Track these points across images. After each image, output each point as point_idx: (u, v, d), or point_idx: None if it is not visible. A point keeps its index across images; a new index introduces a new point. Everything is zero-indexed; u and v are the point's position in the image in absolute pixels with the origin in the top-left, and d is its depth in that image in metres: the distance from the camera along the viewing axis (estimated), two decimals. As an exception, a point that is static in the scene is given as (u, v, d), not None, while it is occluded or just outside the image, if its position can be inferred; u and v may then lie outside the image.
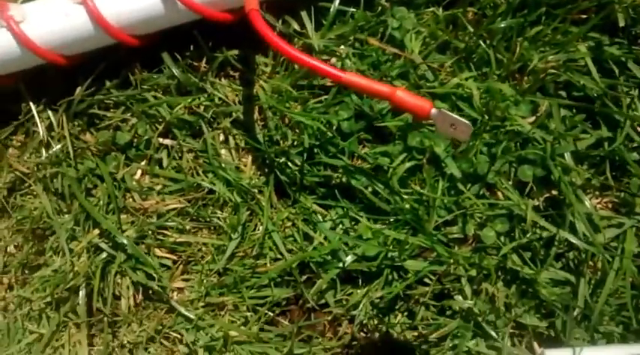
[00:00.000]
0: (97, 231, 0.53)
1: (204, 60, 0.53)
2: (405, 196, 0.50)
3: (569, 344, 0.47)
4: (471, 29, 0.50)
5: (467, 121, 0.41)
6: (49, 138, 0.55)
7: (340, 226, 0.51)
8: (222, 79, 0.54)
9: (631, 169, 0.47)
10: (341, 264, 0.49)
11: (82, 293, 0.52)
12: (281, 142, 0.52)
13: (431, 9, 0.52)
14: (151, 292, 0.52)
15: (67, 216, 0.54)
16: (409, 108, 0.42)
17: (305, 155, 0.51)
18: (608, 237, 0.47)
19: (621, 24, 0.47)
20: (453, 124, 0.41)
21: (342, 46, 0.52)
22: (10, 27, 0.50)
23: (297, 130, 0.52)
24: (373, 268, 0.49)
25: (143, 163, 0.54)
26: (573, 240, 0.46)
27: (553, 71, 0.48)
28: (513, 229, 0.48)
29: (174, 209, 0.53)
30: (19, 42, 0.51)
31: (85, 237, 0.53)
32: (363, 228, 0.50)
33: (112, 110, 0.55)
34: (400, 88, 0.43)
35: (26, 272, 0.55)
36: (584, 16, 0.50)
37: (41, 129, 0.55)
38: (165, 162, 0.54)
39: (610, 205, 0.49)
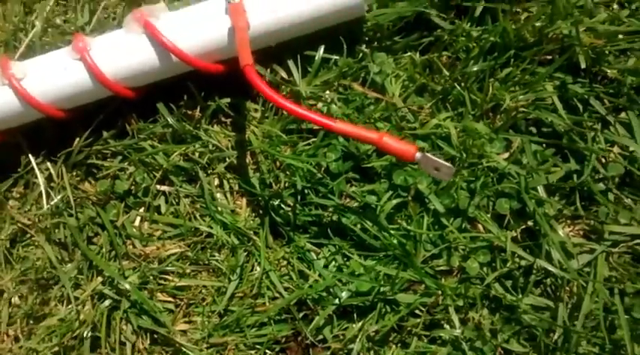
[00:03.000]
0: (100, 279, 0.55)
1: (197, 108, 0.57)
2: (393, 231, 0.53)
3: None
4: (446, 73, 0.54)
5: (449, 164, 0.44)
6: (49, 189, 0.58)
7: (333, 263, 0.54)
8: (215, 126, 0.57)
9: (598, 199, 0.51)
10: (337, 300, 0.52)
11: (88, 341, 0.54)
12: (274, 185, 0.55)
13: (408, 54, 0.56)
14: (155, 336, 0.54)
15: (70, 264, 0.56)
16: (395, 153, 0.46)
17: (297, 196, 0.54)
18: (581, 262, 0.51)
19: (583, 66, 0.51)
20: (436, 167, 0.45)
21: (328, 92, 0.55)
22: (11, 84, 0.53)
23: (288, 172, 0.55)
24: (367, 303, 0.52)
25: (142, 210, 0.57)
26: (550, 267, 0.50)
27: (523, 110, 0.52)
28: (495, 259, 0.52)
29: (174, 254, 0.55)
30: (20, 99, 0.53)
31: (88, 285, 0.55)
32: (355, 265, 0.53)
33: (110, 160, 0.57)
34: (386, 133, 0.46)
35: (32, 322, 0.57)
36: (550, 57, 0.54)
37: (41, 180, 0.57)
38: (163, 208, 0.57)
39: (582, 232, 0.53)
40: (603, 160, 0.52)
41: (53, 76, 0.53)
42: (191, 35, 0.52)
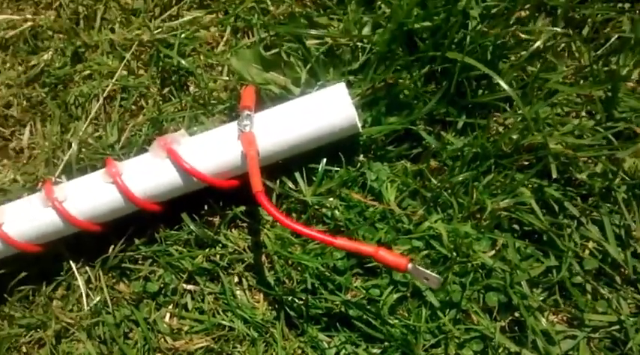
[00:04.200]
0: (136, 372, 0.62)
1: (217, 216, 0.64)
2: (395, 321, 0.59)
3: None
4: (434, 182, 0.61)
5: (437, 276, 0.51)
6: (89, 291, 0.65)
7: (344, 351, 0.61)
8: (234, 230, 0.64)
9: (574, 294, 0.57)
10: (348, 388, 0.59)
11: None
12: (287, 281, 0.62)
13: (401, 162, 0.63)
14: None
15: (109, 359, 0.64)
16: (389, 265, 0.53)
17: (308, 291, 0.61)
18: (565, 348, 0.57)
19: (554, 175, 0.58)
20: (425, 277, 0.52)
21: (331, 199, 0.62)
22: (55, 206, 0.61)
23: (299, 269, 0.62)
24: (374, 392, 0.58)
25: (171, 307, 0.64)
26: (535, 355, 0.56)
27: (505, 213, 0.59)
28: (487, 348, 0.58)
29: (201, 347, 0.62)
30: (62, 218, 0.61)
31: (126, 378, 0.62)
32: (363, 354, 0.59)
33: (141, 263, 0.65)
34: (381, 247, 0.53)
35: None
36: (527, 163, 0.61)
37: (81, 283, 0.65)
38: (190, 306, 0.64)
39: (565, 318, 0.59)
40: (581, 253, 0.58)
41: (90, 198, 0.61)
42: (208, 158, 0.60)
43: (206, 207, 0.64)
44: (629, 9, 0.66)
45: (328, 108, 0.59)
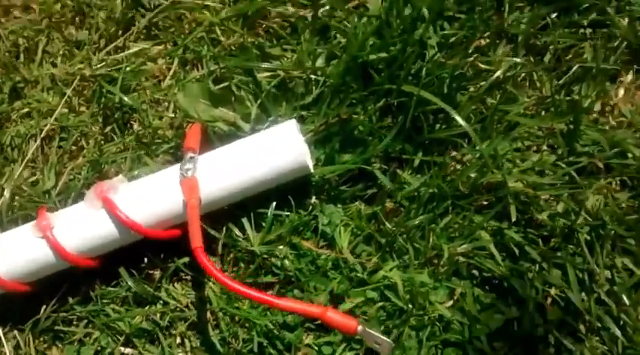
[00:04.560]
0: None
1: (158, 269, 0.60)
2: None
3: None
4: (390, 226, 0.57)
5: (388, 340, 0.47)
6: (17, 356, 0.60)
7: (296, 412, 0.57)
8: (176, 284, 0.60)
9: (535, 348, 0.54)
10: None
11: None
12: (233, 341, 0.57)
13: (355, 203, 0.59)
14: None
15: None
16: (338, 327, 0.49)
17: (255, 353, 0.56)
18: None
19: (513, 219, 0.54)
20: (376, 341, 0.48)
21: (281, 247, 0.58)
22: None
23: (247, 327, 0.57)
24: None
25: (108, 371, 0.59)
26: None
27: (463, 259, 0.55)
28: (447, 407, 0.54)
29: (141, 415, 0.57)
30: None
31: None
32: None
33: (75, 325, 0.60)
34: (329, 308, 0.49)
35: None
36: (486, 203, 0.57)
37: (7, 349, 0.60)
38: (128, 370, 0.59)
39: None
40: (544, 301, 0.55)
41: (18, 255, 0.56)
42: (147, 207, 0.56)
43: (146, 260, 0.59)
44: (591, 35, 0.63)
45: (278, 149, 0.55)
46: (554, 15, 0.63)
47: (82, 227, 0.56)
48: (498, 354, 0.53)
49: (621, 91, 0.62)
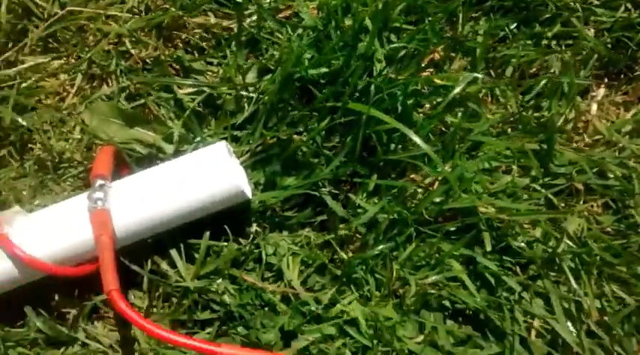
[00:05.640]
0: None
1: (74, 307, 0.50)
2: None
3: None
4: (345, 256, 0.49)
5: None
6: None
7: None
8: (96, 323, 0.50)
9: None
10: None
11: None
12: (164, 392, 0.48)
13: (305, 230, 0.52)
14: None
15: None
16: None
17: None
18: None
19: (488, 248, 0.48)
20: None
21: (220, 281, 0.50)
22: None
23: (180, 373, 0.48)
24: None
25: None
26: None
27: (432, 291, 0.48)
28: None
29: None
30: None
31: None
32: None
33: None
34: (279, 353, 0.41)
35: None
36: (454, 229, 0.51)
37: None
38: None
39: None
40: (526, 334, 0.48)
41: None
42: (52, 241, 0.46)
43: (57, 297, 0.50)
44: (556, 47, 0.59)
45: (205, 173, 0.47)
46: (513, 26, 0.59)
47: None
48: (477, 399, 0.46)
49: (594, 107, 0.57)
